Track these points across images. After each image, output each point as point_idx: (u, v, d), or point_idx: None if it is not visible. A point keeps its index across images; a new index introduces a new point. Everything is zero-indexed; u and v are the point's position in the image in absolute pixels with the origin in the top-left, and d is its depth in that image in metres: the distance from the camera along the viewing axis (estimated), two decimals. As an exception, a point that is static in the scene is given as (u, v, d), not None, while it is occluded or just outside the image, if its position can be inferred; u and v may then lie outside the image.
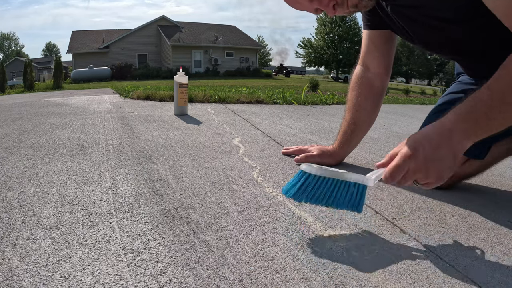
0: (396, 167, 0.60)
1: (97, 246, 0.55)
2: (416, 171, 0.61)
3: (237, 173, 0.94)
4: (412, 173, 0.60)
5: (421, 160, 0.60)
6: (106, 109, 2.08)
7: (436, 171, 0.61)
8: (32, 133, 1.32)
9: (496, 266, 0.57)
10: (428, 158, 0.60)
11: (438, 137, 0.62)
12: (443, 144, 0.61)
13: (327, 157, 1.07)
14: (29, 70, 12.50)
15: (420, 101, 4.73)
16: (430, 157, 0.61)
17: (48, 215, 0.64)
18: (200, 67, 24.06)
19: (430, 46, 0.94)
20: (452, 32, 0.82)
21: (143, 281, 0.47)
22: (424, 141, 0.62)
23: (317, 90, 6.18)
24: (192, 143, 1.26)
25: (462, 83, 1.02)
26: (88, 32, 25.82)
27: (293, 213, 0.72)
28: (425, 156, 0.60)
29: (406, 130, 1.93)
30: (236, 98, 2.66)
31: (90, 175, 0.87)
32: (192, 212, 0.69)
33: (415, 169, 0.60)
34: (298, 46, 35.75)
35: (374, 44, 1.03)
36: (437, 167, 0.61)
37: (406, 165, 0.60)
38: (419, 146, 0.61)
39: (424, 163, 0.60)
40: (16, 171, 0.88)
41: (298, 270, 0.52)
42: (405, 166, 0.60)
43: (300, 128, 1.72)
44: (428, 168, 0.61)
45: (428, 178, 0.62)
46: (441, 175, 0.61)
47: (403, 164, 0.60)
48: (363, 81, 1.05)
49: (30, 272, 0.47)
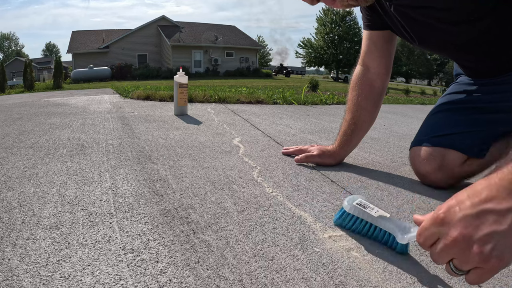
0: (422, 231, 0.44)
1: (97, 246, 0.55)
2: (450, 244, 0.41)
3: (237, 173, 0.94)
4: (448, 244, 0.41)
5: (456, 227, 0.40)
6: (106, 109, 2.08)
7: (486, 248, 0.38)
8: (32, 133, 1.32)
9: (496, 266, 0.57)
10: (470, 223, 0.40)
11: (488, 191, 0.40)
12: (502, 201, 0.39)
13: (327, 157, 1.07)
14: (29, 70, 12.49)
15: (420, 101, 4.74)
16: (473, 221, 0.40)
17: (48, 215, 0.64)
18: (200, 67, 24.05)
19: (431, 47, 0.94)
20: (457, 34, 0.83)
21: (143, 281, 0.47)
22: (464, 197, 0.42)
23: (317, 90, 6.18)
24: (192, 143, 1.26)
25: (461, 84, 1.02)
26: (88, 32, 25.81)
27: (293, 213, 0.72)
28: (464, 219, 0.40)
29: (406, 130, 1.93)
30: (236, 98, 2.66)
31: (90, 175, 0.87)
32: (192, 212, 0.69)
33: (449, 240, 0.41)
34: (298, 46, 35.80)
35: (375, 45, 1.03)
36: (487, 239, 0.38)
37: (433, 229, 0.43)
38: (455, 204, 0.42)
39: (462, 231, 0.40)
40: (16, 171, 0.88)
41: (298, 270, 0.52)
42: (432, 230, 0.43)
43: (300, 128, 1.72)
44: (470, 239, 0.39)
45: (470, 259, 0.39)
46: (495, 254, 0.38)
47: (429, 228, 0.43)
48: (363, 81, 1.05)
49: (30, 272, 0.47)
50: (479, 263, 0.39)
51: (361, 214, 0.62)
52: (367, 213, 0.61)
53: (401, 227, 0.57)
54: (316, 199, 0.80)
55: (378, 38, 1.02)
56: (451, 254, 0.41)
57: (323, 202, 0.78)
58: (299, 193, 0.83)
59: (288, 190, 0.84)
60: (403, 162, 1.19)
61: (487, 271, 0.39)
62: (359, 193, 0.86)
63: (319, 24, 33.09)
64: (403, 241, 0.56)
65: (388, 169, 1.10)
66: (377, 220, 0.60)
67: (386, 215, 0.60)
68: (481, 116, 0.90)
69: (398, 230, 0.57)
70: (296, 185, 0.88)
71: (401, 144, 1.51)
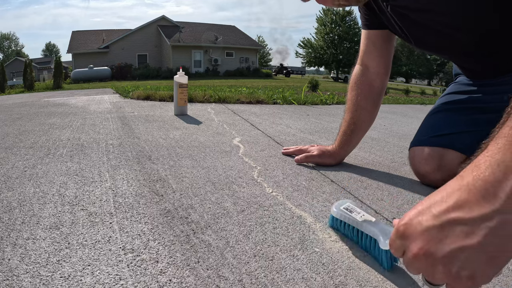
0: (391, 242, 0.40)
1: (97, 246, 0.55)
2: (412, 259, 0.36)
3: (237, 173, 0.94)
4: (411, 259, 0.36)
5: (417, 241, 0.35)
6: (106, 109, 2.08)
7: (452, 267, 0.33)
8: (32, 133, 1.32)
9: (496, 266, 0.57)
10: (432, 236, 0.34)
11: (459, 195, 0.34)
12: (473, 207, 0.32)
13: (327, 157, 1.07)
14: (29, 70, 12.49)
15: (420, 101, 4.74)
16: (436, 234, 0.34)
17: (48, 215, 0.64)
18: (200, 67, 24.06)
19: (427, 48, 0.94)
20: (454, 37, 0.83)
21: (143, 281, 0.47)
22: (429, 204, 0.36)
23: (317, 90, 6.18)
24: (192, 143, 1.26)
25: (461, 84, 1.02)
26: (88, 32, 25.81)
27: (293, 213, 0.72)
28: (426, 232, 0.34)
29: (406, 130, 1.93)
30: (236, 98, 2.66)
31: (90, 175, 0.87)
32: (192, 212, 0.69)
33: (410, 256, 0.36)
34: (298, 46, 35.80)
35: (373, 44, 1.03)
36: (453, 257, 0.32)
37: (398, 242, 0.38)
38: (417, 214, 0.36)
39: (424, 247, 0.34)
40: (16, 171, 0.88)
41: (298, 270, 0.52)
42: (397, 243, 0.38)
43: (300, 128, 1.72)
44: (433, 257, 0.34)
45: (438, 277, 0.34)
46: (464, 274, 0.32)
47: (395, 240, 0.38)
48: (363, 81, 1.05)
49: (30, 272, 0.47)
50: (448, 283, 0.34)
51: (347, 219, 0.60)
52: (352, 217, 0.59)
53: (386, 232, 0.52)
54: (316, 199, 0.80)
55: (376, 37, 1.02)
56: (417, 269, 0.36)
57: (323, 202, 0.78)
58: (299, 193, 0.83)
59: (288, 190, 0.84)
60: (403, 162, 1.19)
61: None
62: (359, 194, 0.86)
63: (319, 24, 33.10)
64: (385, 246, 0.52)
65: (388, 169, 1.10)
66: (362, 225, 0.57)
67: (371, 219, 0.57)
68: (481, 116, 0.90)
69: (382, 235, 0.52)
70: (296, 185, 0.88)
71: (401, 144, 1.51)
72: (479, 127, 0.90)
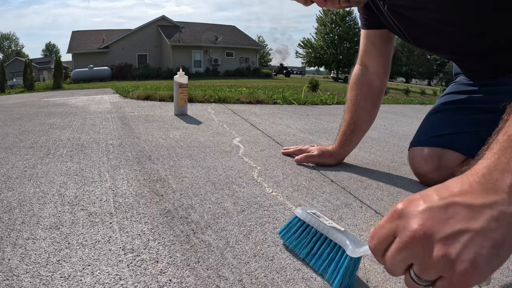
0: (375, 230, 0.36)
1: (97, 246, 0.55)
2: (408, 240, 0.32)
3: (237, 173, 0.94)
4: (405, 242, 0.32)
5: (417, 218, 0.33)
6: (106, 109, 2.08)
7: (452, 249, 0.30)
8: (32, 133, 1.32)
9: (496, 266, 0.57)
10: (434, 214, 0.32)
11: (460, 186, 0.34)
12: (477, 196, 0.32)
13: (327, 157, 1.07)
14: (29, 70, 12.50)
15: (420, 101, 4.74)
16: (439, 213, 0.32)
17: (48, 215, 0.64)
18: (200, 67, 24.06)
19: (426, 47, 0.94)
20: (453, 35, 0.82)
21: (143, 281, 0.47)
22: (431, 191, 0.35)
23: (317, 90, 6.18)
24: (192, 143, 1.26)
25: (460, 84, 1.02)
26: (88, 32, 25.81)
27: (293, 213, 0.72)
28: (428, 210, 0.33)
29: (406, 130, 1.93)
30: (236, 98, 2.66)
31: (90, 175, 0.87)
32: (192, 212, 0.69)
33: (406, 235, 0.32)
34: (298, 46, 35.81)
35: (373, 44, 1.03)
36: (455, 238, 0.31)
37: (389, 225, 0.35)
38: (419, 197, 0.35)
39: (424, 224, 0.32)
40: (16, 171, 0.88)
41: (298, 270, 0.52)
42: (387, 227, 0.35)
43: (300, 128, 1.72)
44: (432, 236, 0.31)
45: (432, 264, 0.31)
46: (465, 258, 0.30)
47: (385, 224, 0.35)
48: (362, 80, 1.05)
49: (30, 272, 0.47)
50: (443, 270, 0.31)
51: (312, 221, 0.52)
52: (320, 221, 0.52)
53: (355, 241, 0.47)
54: (316, 199, 0.80)
55: (376, 37, 1.01)
56: (408, 257, 0.33)
57: (323, 202, 0.78)
58: (299, 193, 0.83)
59: (288, 190, 0.84)
60: (403, 162, 1.19)
61: (455, 283, 0.30)
62: (359, 194, 0.86)
63: (319, 24, 33.11)
64: (354, 254, 0.45)
65: (388, 169, 1.10)
66: (329, 230, 0.50)
67: (340, 228, 0.50)
68: (481, 116, 0.90)
69: (350, 242, 0.46)
70: (296, 185, 0.88)
71: (401, 144, 1.51)
72: (478, 127, 0.90)
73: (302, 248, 0.54)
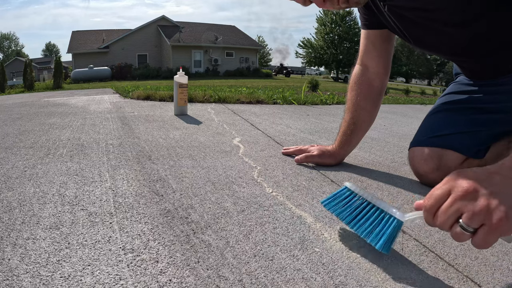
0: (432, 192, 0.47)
1: (97, 246, 0.55)
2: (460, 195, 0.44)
3: (237, 173, 0.94)
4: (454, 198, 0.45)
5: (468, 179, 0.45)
6: (106, 109, 2.08)
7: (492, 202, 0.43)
8: (32, 133, 1.32)
9: (496, 266, 0.57)
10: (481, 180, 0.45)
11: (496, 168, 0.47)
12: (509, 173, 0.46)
13: (327, 157, 1.07)
14: (29, 70, 12.49)
15: (420, 101, 4.74)
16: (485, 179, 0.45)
17: (48, 215, 0.64)
18: (200, 67, 24.06)
19: (426, 47, 0.94)
20: (453, 35, 0.82)
21: (143, 281, 0.47)
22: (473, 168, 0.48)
23: (317, 90, 6.18)
24: (192, 143, 1.26)
25: (461, 84, 1.02)
26: (88, 32, 25.81)
27: (293, 213, 0.72)
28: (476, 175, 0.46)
29: (406, 130, 1.93)
30: (236, 98, 2.66)
31: (90, 175, 0.87)
32: (192, 212, 0.69)
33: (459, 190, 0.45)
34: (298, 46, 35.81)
35: (373, 44, 1.03)
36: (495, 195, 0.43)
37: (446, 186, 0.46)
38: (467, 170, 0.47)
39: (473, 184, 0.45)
40: (16, 171, 0.88)
41: (298, 270, 0.52)
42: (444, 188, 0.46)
43: (300, 128, 1.72)
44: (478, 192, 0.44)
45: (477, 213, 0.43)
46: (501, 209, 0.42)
47: (442, 186, 0.47)
48: (362, 81, 1.05)
49: (30, 272, 0.47)
50: (485, 218, 0.42)
51: (361, 192, 0.59)
52: (367, 193, 0.59)
53: (396, 212, 0.54)
54: (316, 199, 0.80)
55: (376, 37, 1.01)
56: (460, 208, 0.44)
57: (323, 202, 0.78)
58: (299, 193, 0.83)
59: (288, 190, 0.84)
60: (403, 162, 1.19)
61: (493, 229, 0.42)
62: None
63: (319, 24, 33.11)
64: (403, 218, 0.52)
65: (388, 169, 1.10)
66: (375, 201, 0.57)
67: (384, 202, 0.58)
68: (481, 116, 0.90)
69: (396, 210, 0.54)
70: (296, 185, 0.88)
71: (401, 144, 1.51)
72: (478, 128, 0.90)
73: (347, 215, 0.60)
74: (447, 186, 0.46)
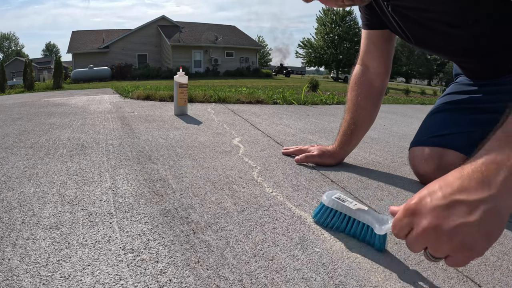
0: (395, 222, 0.47)
1: (97, 246, 0.55)
2: (421, 233, 0.43)
3: (237, 173, 0.94)
4: (419, 234, 0.43)
5: (427, 217, 0.42)
6: (106, 109, 2.08)
7: (455, 239, 0.40)
8: (32, 133, 1.32)
9: (496, 266, 0.57)
10: (440, 213, 0.41)
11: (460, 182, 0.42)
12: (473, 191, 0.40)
13: (327, 157, 1.07)
14: (29, 70, 12.49)
15: (420, 101, 4.74)
16: (443, 212, 0.41)
17: (48, 215, 0.64)
18: (200, 67, 24.05)
19: (427, 47, 0.94)
20: (456, 36, 0.82)
21: (143, 281, 0.47)
22: (436, 187, 0.44)
23: (317, 90, 6.18)
24: (192, 143, 1.26)
25: (461, 84, 1.02)
26: (88, 32, 25.81)
27: (293, 213, 0.72)
28: (434, 209, 0.42)
29: (406, 130, 1.93)
30: (236, 98, 2.66)
31: (90, 175, 0.87)
32: (192, 212, 0.69)
33: (420, 230, 0.43)
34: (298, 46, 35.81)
35: (374, 44, 1.03)
36: (456, 231, 0.40)
37: (406, 220, 0.45)
38: (426, 195, 0.44)
39: (432, 222, 0.42)
40: (16, 171, 0.88)
41: (298, 270, 0.52)
42: (404, 221, 0.45)
43: (300, 128, 1.72)
44: (439, 230, 0.41)
45: (441, 249, 0.42)
46: (464, 245, 0.40)
47: (402, 219, 0.45)
48: (363, 81, 1.05)
49: (30, 272, 0.47)
50: (450, 253, 0.41)
51: (340, 207, 0.62)
52: (346, 206, 0.62)
53: (379, 219, 0.58)
54: (316, 199, 0.80)
55: (377, 37, 1.01)
56: (423, 243, 0.43)
57: (323, 202, 0.78)
58: (299, 193, 0.83)
59: (288, 190, 0.84)
60: (403, 162, 1.19)
61: (461, 259, 0.42)
62: (359, 194, 0.86)
63: (319, 24, 33.12)
64: (381, 232, 0.56)
65: (388, 169, 1.10)
66: (355, 213, 0.60)
67: (364, 208, 0.61)
68: (481, 116, 0.90)
69: (376, 222, 0.57)
70: (296, 185, 0.88)
71: (401, 144, 1.51)
72: (479, 127, 0.89)
73: (337, 228, 0.64)
74: (408, 219, 0.44)
